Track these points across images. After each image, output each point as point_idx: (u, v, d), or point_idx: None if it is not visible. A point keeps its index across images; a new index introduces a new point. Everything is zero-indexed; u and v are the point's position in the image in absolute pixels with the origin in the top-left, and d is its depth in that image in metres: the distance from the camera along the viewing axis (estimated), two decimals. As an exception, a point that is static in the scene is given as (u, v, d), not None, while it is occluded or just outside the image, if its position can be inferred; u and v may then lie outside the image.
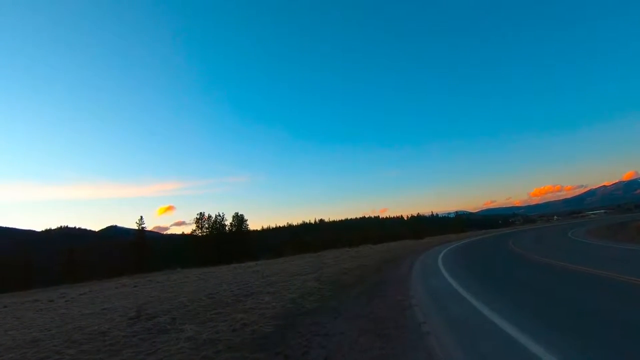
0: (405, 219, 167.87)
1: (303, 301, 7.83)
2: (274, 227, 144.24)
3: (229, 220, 57.35)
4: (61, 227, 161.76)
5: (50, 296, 18.46)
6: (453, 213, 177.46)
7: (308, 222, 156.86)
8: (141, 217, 53.68)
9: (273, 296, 8.86)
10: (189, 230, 59.81)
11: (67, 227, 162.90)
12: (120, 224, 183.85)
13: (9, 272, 45.58)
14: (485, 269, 12.00)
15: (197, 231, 56.05)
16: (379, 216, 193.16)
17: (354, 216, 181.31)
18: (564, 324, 4.42)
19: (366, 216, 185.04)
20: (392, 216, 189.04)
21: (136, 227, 53.92)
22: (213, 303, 8.84)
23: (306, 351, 4.37)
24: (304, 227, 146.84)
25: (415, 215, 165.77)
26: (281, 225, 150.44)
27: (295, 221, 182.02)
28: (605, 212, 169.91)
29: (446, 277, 9.99)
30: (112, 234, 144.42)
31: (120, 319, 8.00)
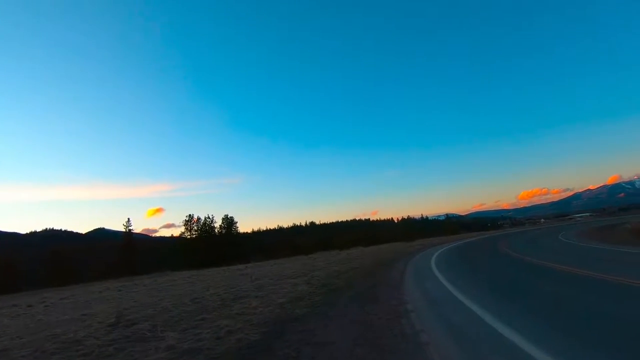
0: (396, 221, 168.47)
1: (292, 306, 7.47)
2: (265, 229, 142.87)
3: (218, 223, 56.80)
4: (47, 229, 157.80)
5: (30, 301, 17.72)
6: (443, 216, 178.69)
7: (299, 224, 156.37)
8: (128, 219, 52.82)
9: (261, 300, 8.48)
10: (178, 232, 58.86)
11: (52, 229, 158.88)
12: (109, 226, 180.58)
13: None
14: (480, 271, 11.77)
15: (186, 233, 55.38)
16: (369, 219, 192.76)
17: (345, 218, 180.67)
18: (572, 329, 4.15)
19: (357, 219, 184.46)
20: (383, 219, 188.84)
21: (124, 229, 52.92)
22: (198, 308, 8.43)
23: (295, 362, 4.02)
24: (295, 229, 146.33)
25: (406, 217, 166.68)
26: (272, 228, 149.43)
27: (287, 223, 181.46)
28: (591, 215, 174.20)
29: (441, 280, 9.69)
30: (100, 236, 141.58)
31: (99, 325, 7.52)
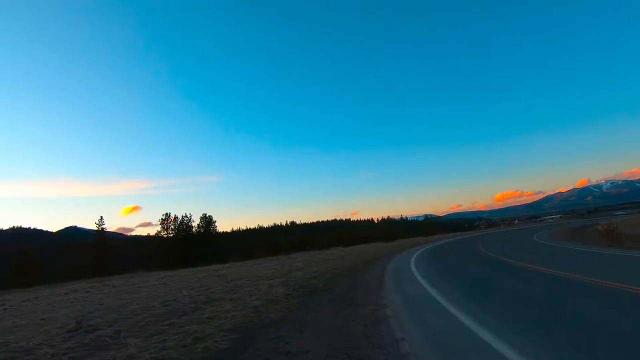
0: (376, 221, 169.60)
1: (267, 310, 7.12)
2: (244, 228, 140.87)
3: (196, 222, 55.36)
4: (14, 227, 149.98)
5: (-13, 304, 16.58)
6: (422, 216, 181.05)
7: (279, 224, 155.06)
8: (101, 217, 50.52)
9: (235, 303, 8.08)
10: (155, 231, 56.99)
11: (20, 227, 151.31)
12: (81, 224, 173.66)
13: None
14: (460, 273, 11.73)
15: (163, 233, 53.70)
16: (350, 219, 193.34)
17: (325, 218, 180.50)
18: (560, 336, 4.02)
19: (338, 219, 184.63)
20: (363, 219, 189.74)
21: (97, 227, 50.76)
22: (168, 312, 7.94)
23: (265, 375, 3.70)
24: (275, 229, 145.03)
25: (386, 218, 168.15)
26: (252, 227, 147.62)
27: (266, 223, 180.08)
28: (561, 217, 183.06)
29: (421, 282, 9.55)
30: (72, 235, 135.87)
31: (57, 331, 6.92)
